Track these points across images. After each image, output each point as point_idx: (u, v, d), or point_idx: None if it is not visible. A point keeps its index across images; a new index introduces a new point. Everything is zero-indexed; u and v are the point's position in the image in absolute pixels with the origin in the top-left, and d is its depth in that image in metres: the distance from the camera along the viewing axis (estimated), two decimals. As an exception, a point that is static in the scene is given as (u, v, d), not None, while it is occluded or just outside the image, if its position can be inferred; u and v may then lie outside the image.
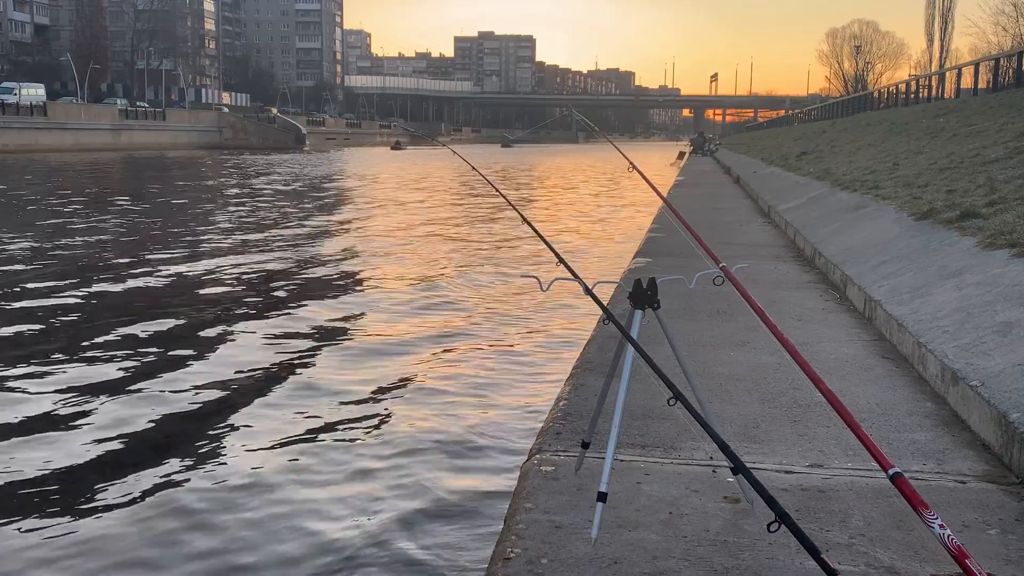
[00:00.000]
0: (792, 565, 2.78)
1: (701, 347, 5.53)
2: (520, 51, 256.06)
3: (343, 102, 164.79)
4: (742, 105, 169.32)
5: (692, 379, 3.18)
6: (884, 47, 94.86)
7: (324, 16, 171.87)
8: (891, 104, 35.46)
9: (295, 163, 59.60)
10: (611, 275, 11.09)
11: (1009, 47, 50.00)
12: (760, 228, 13.37)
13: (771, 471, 3.54)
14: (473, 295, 11.86)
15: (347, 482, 5.43)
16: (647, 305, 3.06)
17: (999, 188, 8.14)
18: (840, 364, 5.20)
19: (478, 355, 8.58)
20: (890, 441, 3.91)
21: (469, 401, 7.05)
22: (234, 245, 16.75)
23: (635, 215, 23.94)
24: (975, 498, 3.32)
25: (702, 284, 3.14)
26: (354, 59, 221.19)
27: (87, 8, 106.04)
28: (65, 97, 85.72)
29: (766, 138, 48.52)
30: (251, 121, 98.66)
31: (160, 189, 32.53)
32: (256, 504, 5.09)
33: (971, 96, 25.25)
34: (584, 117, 5.29)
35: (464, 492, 5.21)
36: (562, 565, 2.78)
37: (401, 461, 5.77)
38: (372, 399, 7.13)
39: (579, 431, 3.82)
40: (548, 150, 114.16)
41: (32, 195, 28.16)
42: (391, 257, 15.60)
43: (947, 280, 5.92)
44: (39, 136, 65.09)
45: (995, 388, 3.94)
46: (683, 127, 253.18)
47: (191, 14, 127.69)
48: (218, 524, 4.82)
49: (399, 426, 6.45)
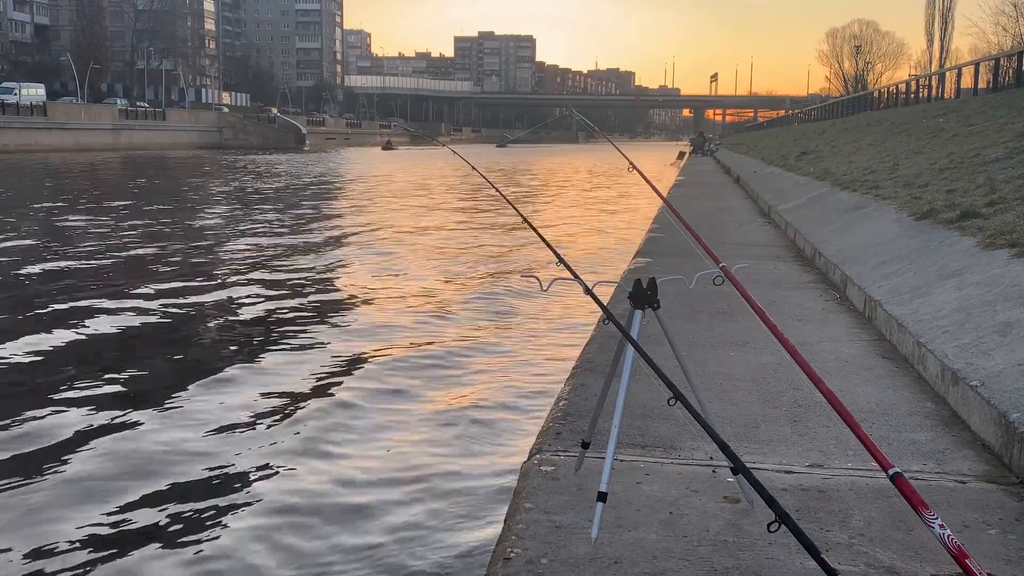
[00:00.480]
0: (792, 565, 2.78)
1: (701, 347, 5.53)
2: (520, 51, 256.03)
3: (343, 102, 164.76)
4: (742, 105, 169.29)
5: (692, 379, 3.18)
6: (884, 47, 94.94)
7: (324, 16, 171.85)
8: (891, 104, 35.47)
9: (295, 163, 59.56)
10: (611, 275, 11.09)
11: (1009, 47, 50.00)
12: (760, 228, 13.37)
13: (771, 471, 3.54)
14: (473, 295, 11.86)
15: (347, 482, 5.43)
16: (647, 305, 3.06)
17: (999, 188, 8.14)
18: (840, 364, 5.20)
19: (478, 355, 8.58)
20: (890, 441, 3.91)
21: (469, 401, 7.05)
22: (235, 248, 16.76)
23: (635, 215, 23.94)
24: (975, 498, 3.32)
25: (702, 284, 3.14)
26: (354, 59, 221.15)
27: (87, 8, 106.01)
28: (65, 97, 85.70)
29: (766, 138, 48.53)
30: (251, 121, 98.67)
31: (175, 188, 32.53)
32: (256, 509, 5.09)
33: (971, 96, 25.25)
34: (584, 117, 5.29)
35: (464, 492, 5.21)
36: (562, 565, 2.78)
37: (401, 461, 5.77)
38: (372, 398, 7.13)
39: (579, 431, 3.82)
40: (548, 150, 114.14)
41: (38, 197, 28.15)
42: (391, 257, 15.60)
43: (947, 280, 5.92)
44: (39, 136, 65.07)
45: (995, 388, 3.94)
46: (683, 127, 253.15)
47: (191, 14, 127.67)
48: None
49: (398, 426, 6.45)
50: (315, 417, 6.67)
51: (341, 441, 6.16)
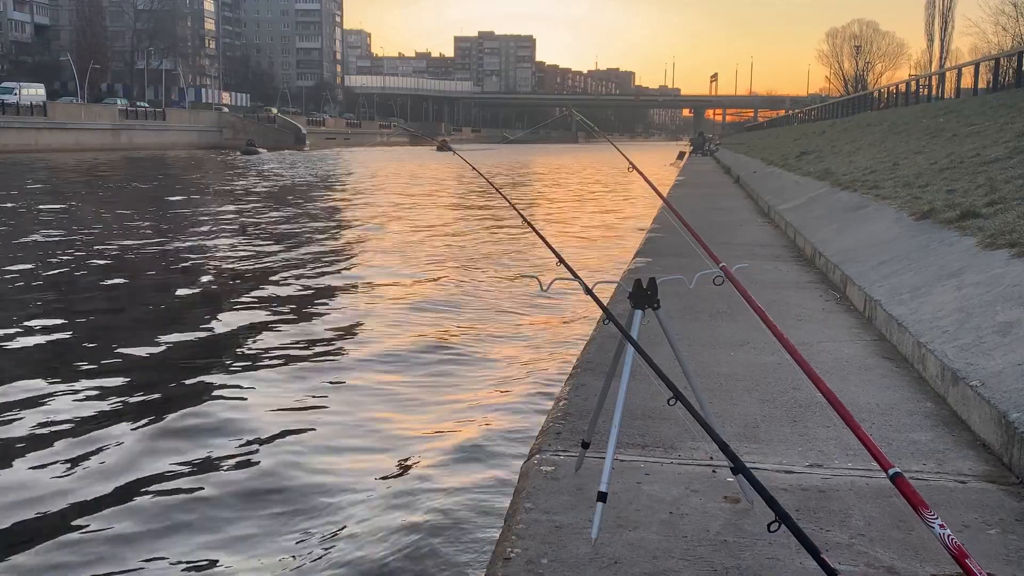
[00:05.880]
0: (792, 565, 2.78)
1: (701, 347, 5.53)
2: (520, 51, 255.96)
3: (343, 102, 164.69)
4: (742, 105, 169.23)
5: (692, 379, 3.18)
6: (884, 47, 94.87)
7: (324, 16, 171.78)
8: (891, 104, 35.45)
9: (296, 163, 59.55)
10: (611, 275, 11.09)
11: (1009, 47, 50.00)
12: (760, 228, 13.37)
13: (771, 471, 3.54)
14: (473, 295, 11.86)
15: (346, 481, 5.43)
16: (647, 305, 3.05)
17: (999, 188, 8.14)
18: (840, 364, 5.20)
19: (478, 355, 8.58)
20: (890, 441, 3.91)
21: (469, 400, 7.06)
22: (236, 243, 16.77)
23: (635, 215, 23.93)
24: (975, 498, 3.32)
25: (702, 284, 3.14)
26: (354, 59, 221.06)
27: (87, 8, 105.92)
28: (65, 97, 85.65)
29: (766, 138, 48.50)
30: (251, 121, 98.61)
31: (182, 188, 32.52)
32: (265, 489, 5.09)
33: (971, 96, 25.23)
34: (584, 117, 5.27)
35: (464, 492, 5.21)
36: (562, 565, 2.78)
37: (400, 461, 5.77)
38: (371, 398, 7.13)
39: (579, 431, 3.82)
40: (548, 150, 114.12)
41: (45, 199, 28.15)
42: (391, 256, 15.60)
43: (947, 280, 5.91)
44: (39, 136, 65.03)
45: (995, 388, 3.93)
46: (683, 127, 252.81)
47: (191, 14, 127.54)
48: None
49: (398, 426, 6.45)
50: (313, 415, 6.67)
51: (339, 440, 6.17)
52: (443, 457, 5.81)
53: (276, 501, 5.13)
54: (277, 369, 7.98)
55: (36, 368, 7.89)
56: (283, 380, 7.64)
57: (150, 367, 8.05)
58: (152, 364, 8.17)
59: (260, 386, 7.45)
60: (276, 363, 8.17)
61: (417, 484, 5.35)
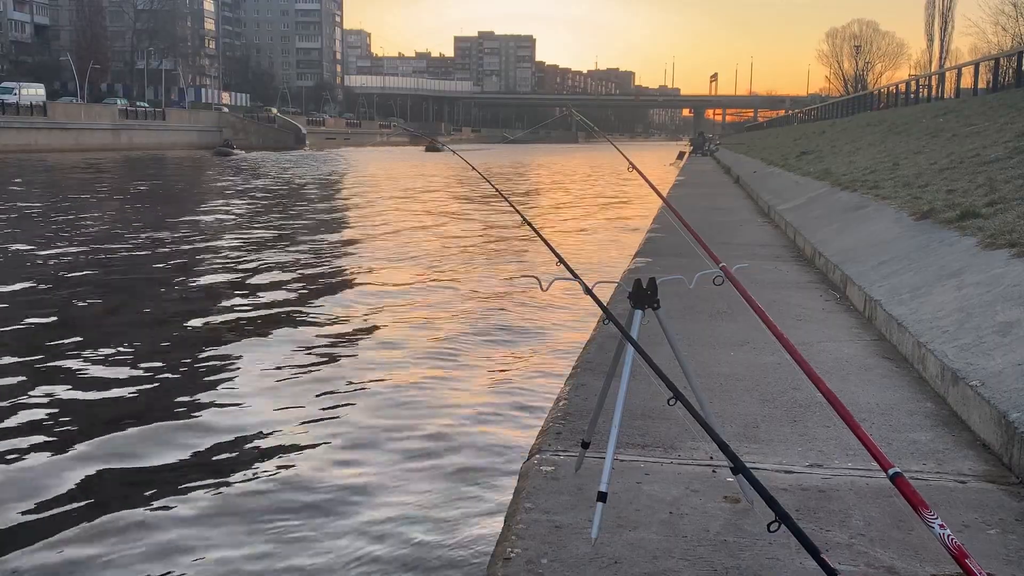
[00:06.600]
0: (792, 565, 2.78)
1: (701, 347, 5.53)
2: (520, 51, 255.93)
3: (343, 102, 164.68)
4: (742, 105, 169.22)
5: (692, 379, 3.18)
6: (884, 47, 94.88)
7: (324, 16, 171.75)
8: (891, 104, 35.43)
9: (296, 163, 59.55)
10: (611, 275, 11.09)
11: (1009, 47, 49.98)
12: (760, 228, 13.37)
13: (771, 471, 3.54)
14: (473, 295, 11.86)
15: (346, 482, 5.43)
16: (647, 305, 3.05)
17: (999, 188, 8.14)
18: (840, 364, 5.20)
19: (478, 355, 8.58)
20: (890, 441, 3.91)
21: (469, 401, 7.06)
22: (238, 243, 16.76)
23: (635, 215, 23.93)
24: (975, 498, 3.32)
25: (702, 284, 3.14)
26: (354, 59, 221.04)
27: (87, 8, 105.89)
28: (65, 97, 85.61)
29: (766, 138, 48.50)
30: (251, 121, 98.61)
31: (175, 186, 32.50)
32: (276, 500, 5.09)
33: (971, 96, 25.23)
34: (584, 117, 5.28)
35: (464, 491, 5.21)
36: (562, 565, 2.78)
37: (400, 461, 5.77)
38: (370, 398, 7.13)
39: (579, 431, 3.82)
40: (548, 150, 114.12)
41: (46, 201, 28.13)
42: (392, 256, 15.60)
43: (947, 280, 5.91)
44: (39, 136, 65.02)
45: (995, 388, 3.93)
46: (683, 127, 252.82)
47: (191, 14, 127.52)
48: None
49: (398, 426, 6.45)
50: (313, 416, 6.67)
51: (339, 440, 6.17)
52: (442, 456, 5.81)
53: (273, 501, 5.13)
54: (275, 371, 7.98)
55: (37, 367, 7.89)
56: (280, 382, 7.64)
57: (151, 367, 8.05)
58: (152, 364, 8.17)
59: (258, 387, 7.45)
60: (275, 365, 8.17)
61: (415, 483, 5.35)
